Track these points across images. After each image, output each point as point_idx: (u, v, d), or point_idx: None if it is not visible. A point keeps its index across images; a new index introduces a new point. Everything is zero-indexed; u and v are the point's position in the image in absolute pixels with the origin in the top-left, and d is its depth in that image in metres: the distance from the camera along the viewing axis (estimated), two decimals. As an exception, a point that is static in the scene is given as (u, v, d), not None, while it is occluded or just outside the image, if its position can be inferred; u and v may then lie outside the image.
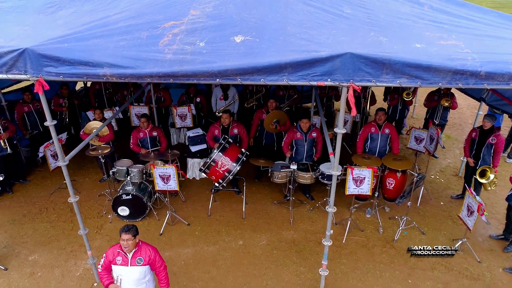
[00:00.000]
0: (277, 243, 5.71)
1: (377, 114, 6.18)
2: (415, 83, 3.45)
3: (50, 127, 3.95)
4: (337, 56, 3.39)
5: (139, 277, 3.71)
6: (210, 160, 5.70)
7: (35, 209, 6.50)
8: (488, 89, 3.43)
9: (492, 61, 3.34)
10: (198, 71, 3.51)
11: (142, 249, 3.73)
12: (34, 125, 7.43)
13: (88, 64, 3.60)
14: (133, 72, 3.56)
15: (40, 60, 3.58)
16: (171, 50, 3.73)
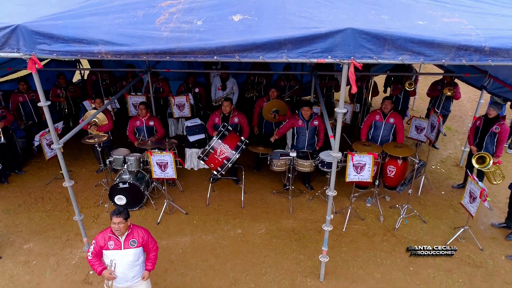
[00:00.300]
0: (276, 232, 5.62)
1: (383, 103, 6.11)
2: (418, 59, 3.36)
3: (44, 108, 3.86)
4: (338, 32, 3.30)
5: (133, 259, 3.62)
6: (209, 147, 5.61)
7: (31, 199, 6.41)
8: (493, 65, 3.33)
9: (497, 37, 3.26)
10: (195, 47, 3.43)
11: (134, 232, 3.64)
12: (29, 115, 7.33)
13: (82, 42, 3.51)
14: (129, 49, 3.48)
15: (33, 37, 3.50)
16: (167, 28, 3.65)
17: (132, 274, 3.66)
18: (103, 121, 6.46)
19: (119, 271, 3.60)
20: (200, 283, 4.73)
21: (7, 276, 4.84)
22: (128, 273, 3.63)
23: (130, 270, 3.64)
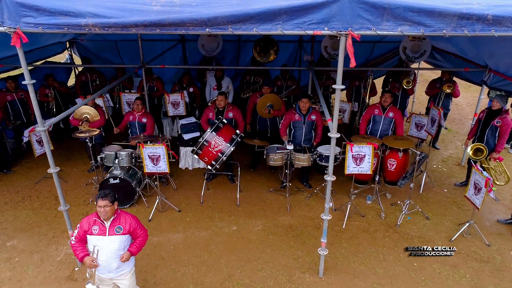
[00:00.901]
0: (273, 229, 5.37)
1: (383, 96, 5.98)
2: (418, 30, 3.23)
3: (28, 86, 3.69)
4: (334, 1, 3.18)
5: (119, 247, 3.35)
6: (202, 140, 5.42)
7: (18, 197, 6.16)
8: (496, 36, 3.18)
9: (500, 5, 3.13)
10: (186, 18, 3.29)
11: (121, 217, 3.39)
12: (17, 115, 7.12)
13: (69, 14, 3.38)
14: (117, 21, 3.34)
15: (18, 10, 3.36)
16: (159, 3, 3.52)
17: (116, 264, 3.38)
18: (94, 117, 6.28)
19: (102, 259, 3.34)
20: (192, 279, 4.45)
21: (-13, 272, 4.56)
22: (111, 262, 3.36)
23: (114, 259, 3.36)
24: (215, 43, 8.06)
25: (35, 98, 3.82)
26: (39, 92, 7.59)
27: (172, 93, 7.17)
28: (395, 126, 6.01)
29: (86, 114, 6.24)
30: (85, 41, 9.59)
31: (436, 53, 8.08)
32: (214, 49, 8.10)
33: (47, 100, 7.63)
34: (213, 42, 8.05)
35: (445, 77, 7.18)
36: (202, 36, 8.01)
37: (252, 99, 6.66)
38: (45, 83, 7.61)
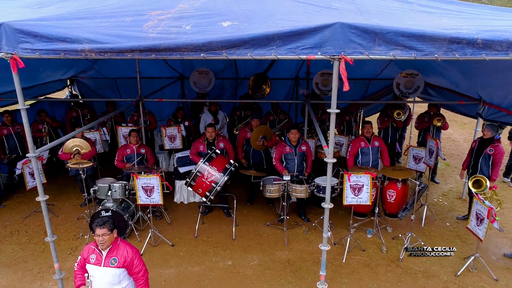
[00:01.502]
0: (270, 263, 5.13)
1: (364, 128, 6.00)
2: (410, 54, 3.27)
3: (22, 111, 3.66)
4: (327, 27, 3.25)
5: (112, 280, 3.18)
6: (195, 170, 5.33)
7: (6, 232, 5.95)
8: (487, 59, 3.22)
9: (488, 30, 3.20)
10: (181, 43, 3.34)
11: (119, 249, 3.22)
12: (13, 148, 7.07)
13: (66, 40, 3.43)
14: (113, 46, 3.38)
15: (16, 36, 3.42)
16: (155, 31, 3.61)
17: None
18: (85, 148, 6.20)
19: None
20: (183, 316, 4.17)
21: (-35, 310, 4.28)
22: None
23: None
24: (206, 80, 8.20)
25: (28, 124, 3.78)
26: (33, 128, 7.56)
27: (169, 127, 7.17)
28: (381, 154, 5.98)
29: (77, 147, 6.17)
30: (86, 79, 9.76)
31: (430, 89, 8.22)
32: (206, 86, 8.23)
33: (41, 135, 7.61)
34: (205, 79, 8.20)
35: (432, 110, 7.26)
36: (193, 74, 8.19)
37: (242, 134, 6.64)
38: (38, 119, 7.62)
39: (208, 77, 7.98)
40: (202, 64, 8.25)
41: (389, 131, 7.64)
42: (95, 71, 9.10)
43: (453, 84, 6.84)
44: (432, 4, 4.54)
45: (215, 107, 7.77)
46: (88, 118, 8.12)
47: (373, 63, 8.15)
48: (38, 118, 7.61)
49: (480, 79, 5.81)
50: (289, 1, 4.40)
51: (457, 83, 6.65)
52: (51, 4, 4.43)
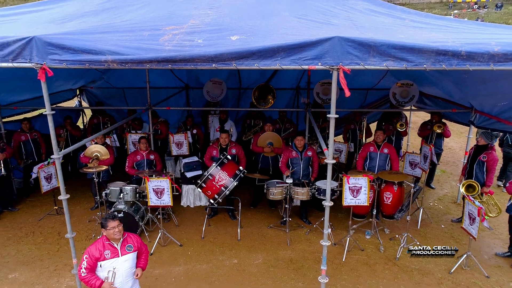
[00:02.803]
0: (273, 262, 5.41)
1: (375, 134, 6.33)
2: (401, 65, 3.63)
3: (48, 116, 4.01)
4: (326, 40, 3.61)
5: (131, 265, 3.56)
6: (207, 173, 5.66)
7: (21, 233, 6.24)
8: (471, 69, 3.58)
9: (471, 43, 3.57)
10: (195, 55, 3.70)
11: (128, 237, 3.63)
12: (29, 154, 7.43)
13: (91, 52, 3.79)
14: (133, 57, 3.74)
15: (46, 48, 3.78)
16: (170, 44, 3.96)
17: (130, 283, 3.57)
18: (104, 155, 6.54)
19: (118, 281, 3.48)
20: (193, 309, 4.45)
21: (-13, 303, 4.56)
22: (126, 282, 3.53)
23: (128, 278, 3.55)
24: (219, 90, 8.56)
25: (53, 128, 4.13)
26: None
27: (176, 134, 7.52)
28: (391, 161, 6.27)
29: (97, 153, 6.51)
30: (94, 89, 10.15)
31: (425, 99, 8.59)
32: (219, 96, 8.59)
33: (59, 140, 7.95)
34: (218, 89, 8.56)
35: (434, 118, 7.60)
36: (207, 83, 8.55)
37: (256, 139, 6.99)
38: (63, 124, 8.00)
39: (221, 87, 8.36)
40: (208, 74, 8.63)
41: (392, 139, 7.99)
42: (104, 81, 9.48)
43: (447, 94, 7.21)
44: (423, 20, 4.93)
45: (224, 115, 8.13)
46: (108, 126, 8.49)
47: (370, 74, 8.53)
48: (63, 124, 7.98)
49: (470, 88, 6.17)
50: (291, 18, 4.78)
51: (450, 92, 7.01)
52: (73, 20, 4.80)
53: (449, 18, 5.10)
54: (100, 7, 5.27)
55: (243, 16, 4.87)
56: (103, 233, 3.52)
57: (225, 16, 4.85)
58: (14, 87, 7.14)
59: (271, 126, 6.89)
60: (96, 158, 6.50)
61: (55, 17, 4.96)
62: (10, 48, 3.79)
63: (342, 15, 4.89)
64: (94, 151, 6.55)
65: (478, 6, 44.84)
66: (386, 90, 8.95)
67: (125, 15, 4.92)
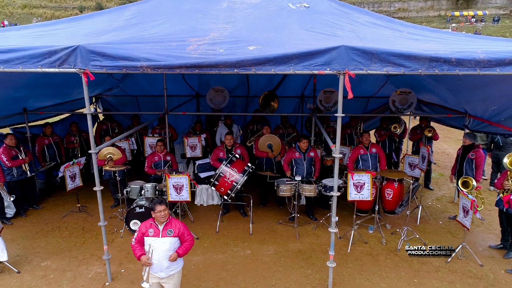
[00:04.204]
0: (284, 253, 5.87)
1: (363, 137, 6.85)
2: (399, 70, 4.17)
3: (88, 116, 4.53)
4: (334, 49, 4.16)
5: (169, 247, 3.94)
6: (218, 171, 6.16)
7: (48, 228, 6.70)
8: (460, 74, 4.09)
9: (460, 51, 4.11)
10: (219, 61, 4.24)
11: (172, 222, 4.02)
12: (52, 157, 7.95)
13: (128, 59, 4.33)
14: (165, 63, 4.29)
15: (88, 55, 4.33)
16: (196, 53, 4.51)
17: (166, 264, 3.96)
18: (117, 155, 7.05)
19: (155, 258, 3.90)
20: (213, 292, 4.90)
21: (26, 286, 5.00)
22: (163, 261, 3.93)
23: (165, 259, 3.93)
24: (221, 97, 9.11)
25: (91, 126, 4.65)
26: (65, 140, 8.48)
27: (191, 137, 8.03)
28: (379, 159, 6.79)
29: (110, 154, 7.02)
30: (109, 97, 10.72)
31: (423, 106, 9.14)
32: (221, 103, 9.13)
33: (73, 146, 8.47)
34: (220, 97, 9.10)
35: (423, 123, 8.14)
36: (210, 91, 9.09)
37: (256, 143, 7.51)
38: (71, 131, 8.52)
39: (223, 94, 8.91)
40: (219, 82, 9.20)
41: (386, 143, 8.50)
42: (120, 89, 10.04)
43: (443, 100, 7.74)
44: (419, 32, 5.50)
45: (230, 120, 8.66)
46: (116, 132, 9.01)
47: (371, 83, 9.11)
48: (70, 130, 8.50)
49: (464, 94, 6.70)
50: (300, 30, 5.35)
51: (445, 99, 7.55)
52: (106, 33, 5.35)
53: (442, 30, 5.66)
54: (127, 23, 5.85)
55: (257, 30, 5.43)
56: (152, 214, 3.98)
57: (241, 29, 5.42)
58: (40, 94, 7.70)
59: (268, 129, 7.42)
60: (110, 159, 7.00)
61: (89, 31, 5.52)
62: (57, 55, 4.33)
63: (346, 28, 5.45)
64: (107, 153, 7.06)
65: (475, 19, 45.89)
66: (386, 98, 9.50)
67: (151, 29, 5.49)
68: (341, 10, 6.11)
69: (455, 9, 47.76)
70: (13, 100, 7.21)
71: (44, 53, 4.35)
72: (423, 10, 49.79)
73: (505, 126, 6.28)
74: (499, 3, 47.86)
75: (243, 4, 6.62)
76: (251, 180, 6.59)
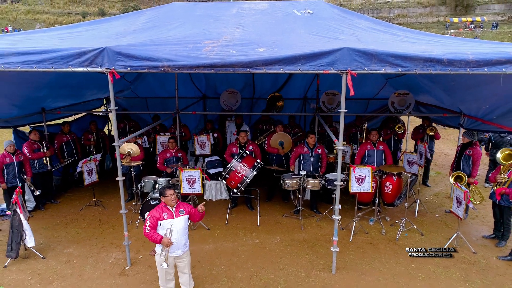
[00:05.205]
0: (290, 242, 6.26)
1: (371, 133, 7.24)
2: (397, 69, 4.60)
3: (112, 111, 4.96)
4: (337, 50, 4.60)
5: (184, 225, 4.42)
6: (230, 165, 6.57)
7: (66, 220, 7.10)
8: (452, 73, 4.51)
9: (452, 53, 4.54)
10: (234, 61, 4.67)
11: (180, 204, 4.51)
12: (70, 154, 8.38)
13: (150, 59, 4.76)
14: (185, 63, 4.72)
15: (114, 56, 4.76)
16: (212, 54, 4.94)
17: (183, 240, 4.44)
18: (136, 152, 7.48)
19: (174, 237, 4.32)
20: (225, 275, 5.29)
21: (51, 270, 5.41)
22: (181, 239, 4.38)
23: (182, 236, 4.40)
24: (234, 99, 9.56)
25: (116, 122, 5.08)
26: (83, 137, 8.92)
27: (200, 135, 8.46)
28: (385, 156, 7.19)
29: (129, 150, 7.45)
30: (120, 98, 11.15)
31: (421, 107, 9.57)
32: (234, 105, 9.58)
33: (89, 144, 8.90)
34: (233, 99, 9.55)
35: (425, 123, 8.56)
36: (224, 93, 9.54)
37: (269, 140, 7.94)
38: (90, 129, 8.96)
39: (236, 97, 9.37)
40: (225, 85, 9.65)
41: (391, 141, 8.93)
42: (131, 91, 10.49)
43: (439, 101, 8.18)
44: (415, 36, 5.95)
45: (240, 120, 9.11)
46: (133, 130, 9.46)
47: (371, 85, 9.56)
48: (89, 128, 8.95)
49: (458, 95, 7.13)
50: (306, 34, 5.79)
51: (441, 99, 7.98)
52: (125, 36, 5.80)
53: (437, 34, 6.11)
54: (144, 26, 6.31)
55: (266, 33, 5.88)
56: (162, 199, 4.39)
57: (251, 33, 5.88)
58: (58, 94, 8.15)
59: (281, 127, 7.85)
60: (128, 155, 7.43)
61: (109, 33, 5.97)
62: (86, 56, 4.77)
63: (348, 32, 5.89)
64: (127, 149, 7.49)
65: (474, 25, 46.53)
66: (385, 100, 9.94)
67: (167, 32, 5.94)
68: (343, 16, 6.58)
69: (454, 15, 48.41)
70: (32, 100, 7.65)
71: (74, 54, 4.78)
72: (422, 16, 50.49)
73: (497, 124, 6.70)
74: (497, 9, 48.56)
75: (251, 10, 7.10)
76: (258, 175, 6.98)
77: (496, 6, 48.74)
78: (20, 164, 6.80)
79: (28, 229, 5.56)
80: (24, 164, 6.90)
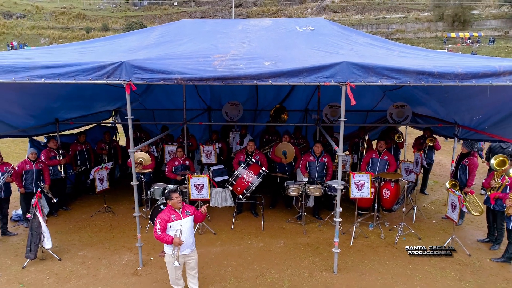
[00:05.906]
0: (293, 245, 6.57)
1: (378, 143, 7.60)
2: (392, 81, 4.99)
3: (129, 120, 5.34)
4: (337, 64, 5.00)
5: (191, 225, 4.76)
6: (237, 172, 6.92)
7: (79, 225, 7.42)
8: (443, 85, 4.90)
9: (442, 66, 4.94)
10: (242, 74, 5.07)
11: (185, 206, 4.86)
12: (83, 162, 8.75)
13: (164, 72, 5.17)
14: (196, 76, 5.12)
15: (132, 69, 5.17)
16: (221, 67, 5.35)
17: (191, 239, 4.77)
18: (147, 161, 7.85)
19: (184, 237, 4.64)
20: (233, 275, 5.59)
21: (68, 270, 5.71)
22: (189, 238, 4.70)
23: (190, 235, 4.72)
24: (236, 111, 9.96)
25: (132, 130, 5.46)
26: (97, 146, 9.32)
27: (206, 145, 8.84)
28: (389, 166, 7.53)
29: (141, 158, 7.82)
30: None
31: (418, 118, 9.96)
32: (236, 116, 9.98)
33: (102, 153, 9.29)
34: (235, 110, 9.95)
35: (427, 133, 8.93)
36: (226, 105, 9.95)
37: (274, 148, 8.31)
38: (103, 139, 9.36)
39: (238, 108, 9.78)
40: (230, 96, 10.07)
41: (391, 151, 9.28)
42: (139, 103, 10.91)
43: (434, 112, 8.57)
44: (409, 51, 6.38)
45: (244, 130, 9.50)
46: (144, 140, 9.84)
47: (370, 97, 9.97)
48: (103, 138, 9.37)
49: (452, 106, 7.52)
50: (307, 49, 6.22)
51: (437, 111, 8.37)
52: (140, 50, 6.24)
53: (429, 50, 6.55)
54: (157, 41, 6.76)
55: (270, 48, 6.32)
56: (168, 203, 4.73)
57: (256, 48, 6.31)
58: (71, 105, 8.58)
59: (287, 137, 8.22)
60: (140, 163, 7.79)
61: (125, 48, 6.42)
62: (105, 69, 5.18)
63: (347, 47, 6.33)
64: (139, 157, 7.86)
65: (471, 40, 47.41)
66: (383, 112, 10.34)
67: (178, 47, 6.38)
68: (342, 32, 7.03)
69: (451, 31, 49.34)
70: (48, 110, 8.07)
71: (94, 68, 5.19)
72: (420, 31, 51.46)
73: (489, 134, 7.07)
74: (494, 25, 49.60)
75: (256, 27, 7.57)
76: (263, 183, 7.32)
77: (493, 21, 49.82)
78: (39, 172, 7.16)
79: (46, 231, 5.89)
80: (43, 172, 7.25)
